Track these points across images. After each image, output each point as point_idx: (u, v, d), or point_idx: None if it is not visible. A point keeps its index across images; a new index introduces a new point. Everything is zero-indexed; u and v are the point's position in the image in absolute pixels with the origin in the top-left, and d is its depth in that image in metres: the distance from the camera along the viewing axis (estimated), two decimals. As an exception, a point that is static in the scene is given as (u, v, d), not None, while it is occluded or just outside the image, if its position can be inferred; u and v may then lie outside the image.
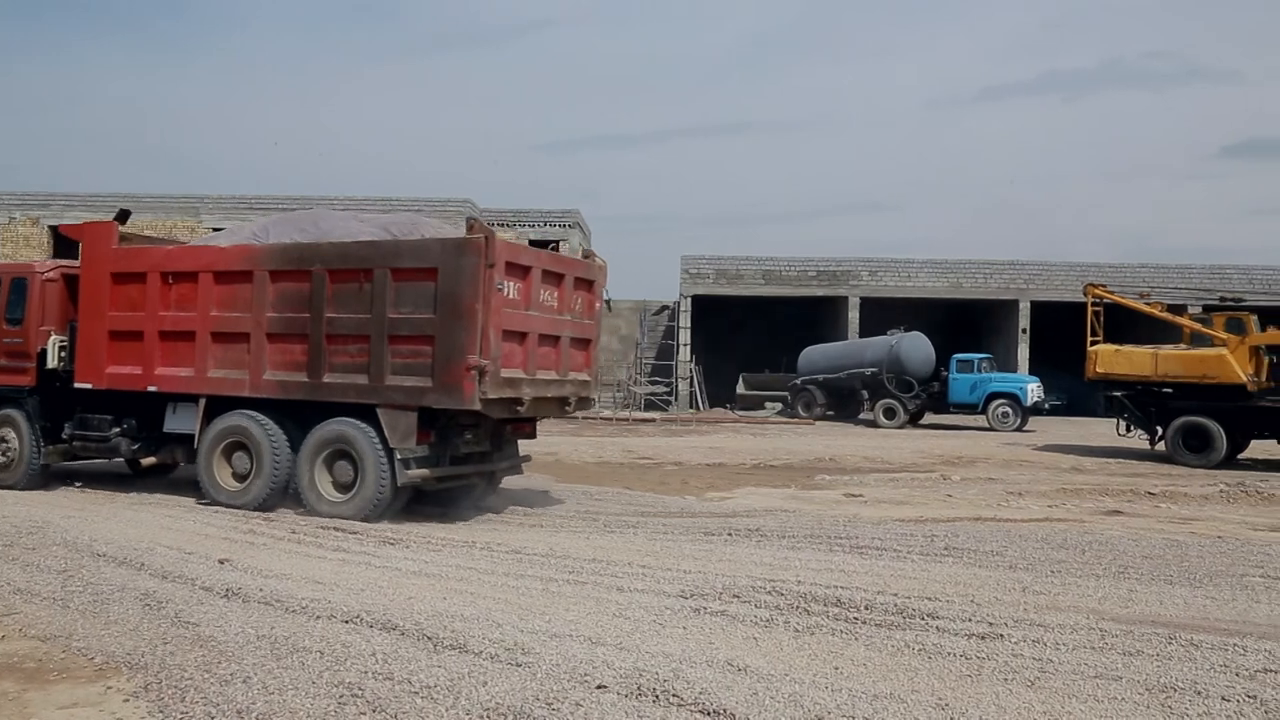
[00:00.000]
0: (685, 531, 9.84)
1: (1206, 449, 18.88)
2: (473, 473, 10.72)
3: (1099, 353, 20.79)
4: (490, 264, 9.15)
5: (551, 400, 10.54)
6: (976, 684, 4.99)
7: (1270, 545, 9.59)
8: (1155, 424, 19.87)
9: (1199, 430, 19.05)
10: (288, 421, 10.20)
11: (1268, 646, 5.68)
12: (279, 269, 10.13)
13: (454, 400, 9.30)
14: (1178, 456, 19.07)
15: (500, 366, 9.38)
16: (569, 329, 10.64)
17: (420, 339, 9.41)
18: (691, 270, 38.89)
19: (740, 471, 16.57)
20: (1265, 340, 19.96)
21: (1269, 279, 37.81)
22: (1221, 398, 19.16)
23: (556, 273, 10.50)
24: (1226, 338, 19.65)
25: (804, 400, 32.76)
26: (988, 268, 38.64)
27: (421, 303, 9.41)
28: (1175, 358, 20.04)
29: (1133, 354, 20.53)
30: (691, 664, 5.17)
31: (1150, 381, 20.11)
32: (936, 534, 9.76)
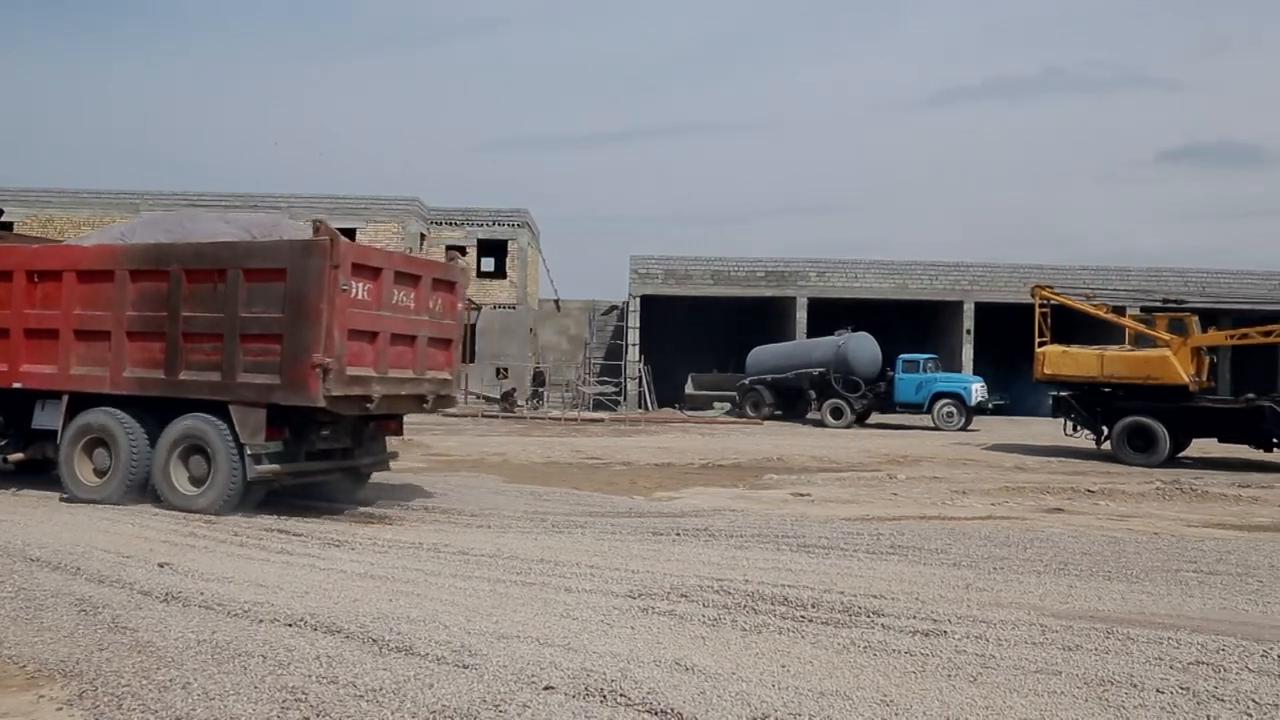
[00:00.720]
0: (633, 531, 9.85)
1: (1150, 448, 19.13)
2: (332, 468, 10.95)
3: (1047, 354, 20.99)
4: (335, 265, 9.39)
5: (407, 398, 10.80)
6: (921, 680, 5.05)
7: (1203, 541, 9.82)
8: (1101, 424, 20.15)
9: (1143, 430, 19.29)
10: (147, 418, 10.36)
11: (1200, 639, 5.82)
12: (139, 269, 10.35)
13: (300, 397, 9.53)
14: (1123, 456, 19.30)
15: (346, 365, 9.62)
16: (427, 329, 10.88)
17: (270, 338, 9.67)
18: (640, 270, 38.94)
19: (688, 471, 16.61)
20: (1206, 341, 20.38)
21: (1204, 281, 38.77)
22: (1164, 398, 19.45)
23: (412, 274, 10.75)
24: (1169, 339, 19.94)
25: (752, 400, 32.94)
26: (933, 269, 39.17)
27: (271, 302, 9.65)
28: (1120, 359, 20.33)
29: (1079, 355, 20.79)
30: (639, 664, 5.18)
31: (1096, 382, 20.38)
32: (882, 532, 9.86)
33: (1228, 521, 11.58)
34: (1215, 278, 39.01)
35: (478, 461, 17.48)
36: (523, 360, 41.08)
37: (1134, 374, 19.86)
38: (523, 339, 41.90)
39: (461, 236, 42.17)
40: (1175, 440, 19.33)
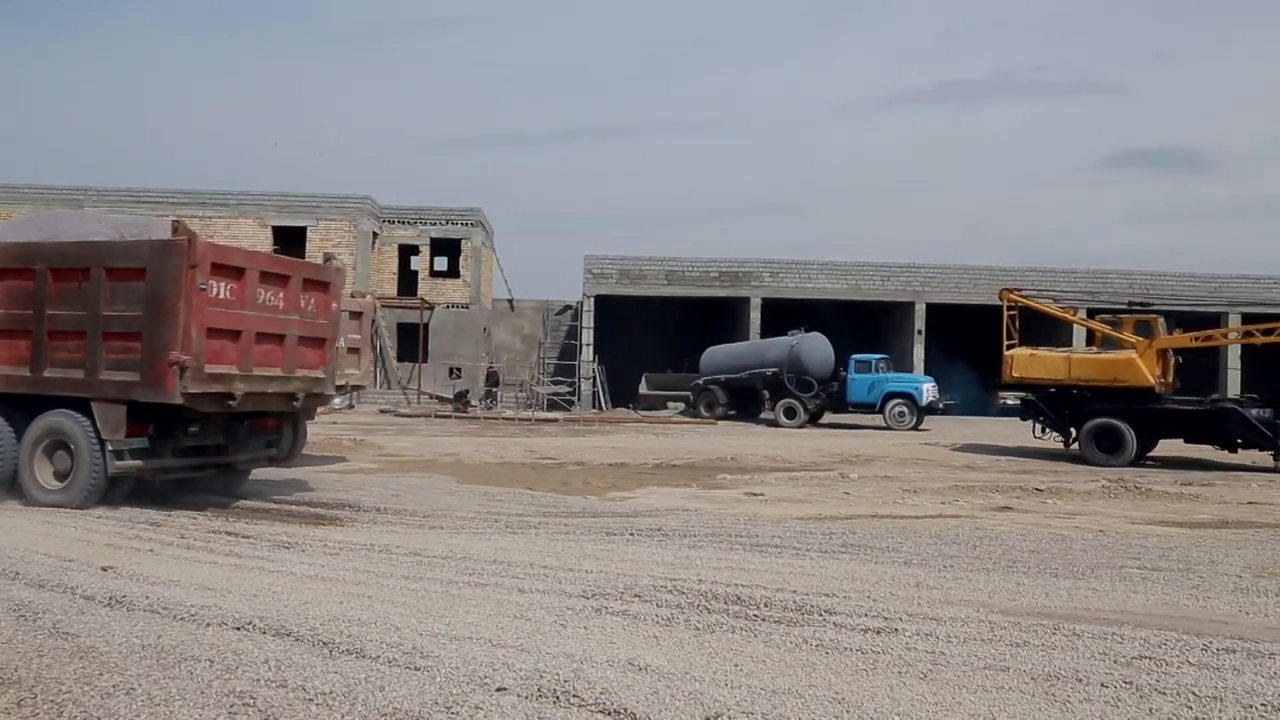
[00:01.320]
0: (587, 531, 9.83)
1: (1118, 449, 19.24)
2: (203, 465, 11.04)
3: (1014, 356, 21.03)
4: (193, 265, 9.57)
5: (274, 395, 10.95)
6: (872, 678, 5.09)
7: (1147, 538, 10.02)
8: (1069, 426, 20.22)
9: (1110, 431, 19.39)
10: (16, 414, 10.43)
11: (1143, 634, 5.93)
12: (6, 267, 10.45)
13: (158, 394, 9.69)
14: (1090, 457, 19.35)
15: (205, 363, 9.79)
16: (297, 328, 11.02)
17: (130, 336, 9.84)
18: (595, 270, 38.90)
19: (643, 471, 16.62)
20: (1171, 343, 20.59)
21: (1148, 284, 39.54)
22: (1131, 399, 19.59)
23: (281, 274, 10.92)
24: (1135, 341, 20.10)
25: (706, 400, 33.03)
26: (885, 270, 39.58)
27: (132, 301, 9.82)
28: (1087, 361, 20.46)
29: (1047, 358, 20.92)
30: (593, 664, 5.17)
31: (1064, 384, 20.45)
32: (834, 531, 9.94)
33: (1170, 519, 11.82)
34: (1159, 279, 39.81)
35: (430, 462, 17.36)
36: (476, 360, 40.87)
37: (1101, 376, 19.99)
38: (476, 339, 41.68)
39: (414, 235, 41.87)
40: (1142, 441, 19.47)
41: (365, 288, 37.73)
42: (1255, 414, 18.52)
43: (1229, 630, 6.12)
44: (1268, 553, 9.19)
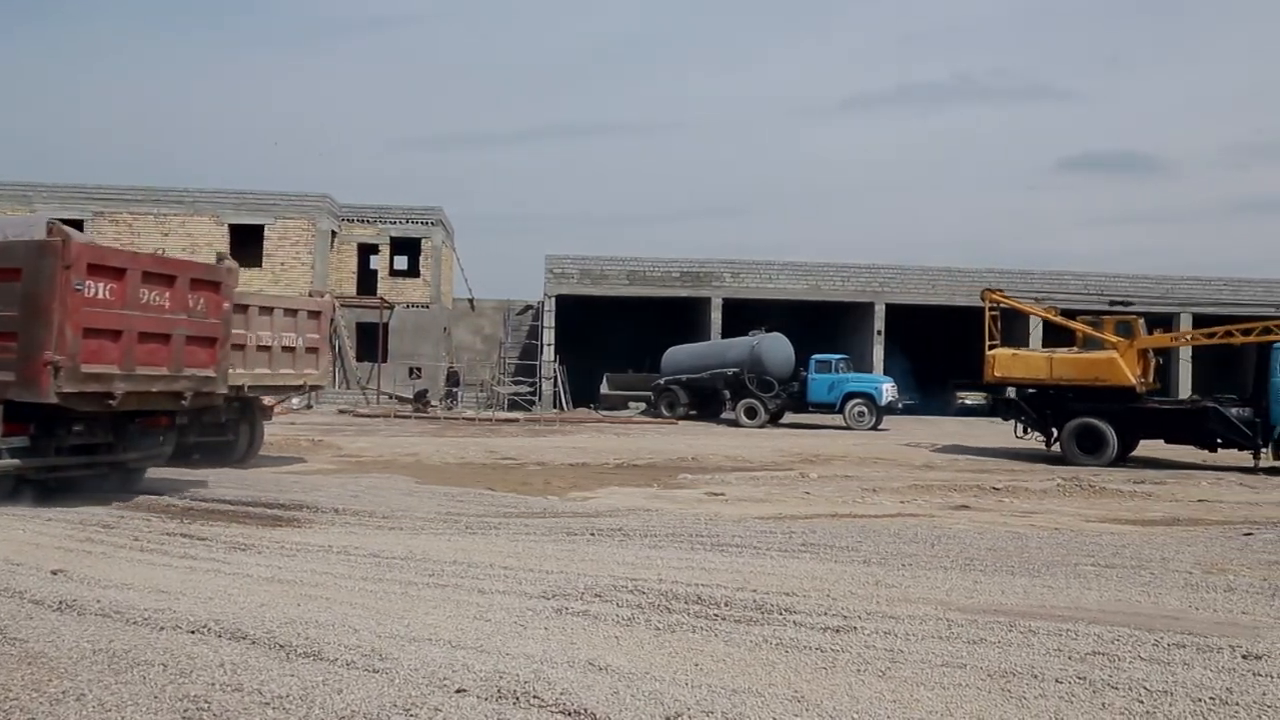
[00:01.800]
0: (548, 532, 9.80)
1: (1099, 449, 19.19)
2: (89, 464, 11.06)
3: (997, 356, 21.01)
4: (67, 265, 9.67)
5: (160, 395, 11.05)
6: (831, 675, 5.12)
7: (1100, 536, 10.17)
8: (1050, 426, 20.15)
9: (1092, 431, 19.34)
10: None
11: (1097, 630, 6.02)
12: None
13: (33, 394, 9.77)
14: (1072, 457, 19.29)
15: (80, 362, 9.88)
16: (185, 327, 11.16)
17: (7, 336, 9.93)
18: (556, 270, 38.83)
19: (604, 471, 16.61)
20: (1151, 343, 20.74)
21: (1102, 284, 40.13)
22: (1112, 399, 19.60)
23: (166, 274, 11.05)
24: (1116, 341, 20.15)
25: (667, 400, 33.06)
26: (845, 271, 39.85)
27: (9, 302, 9.91)
28: (1069, 361, 20.46)
29: (1029, 358, 21.02)
30: (553, 665, 5.15)
31: (1045, 384, 20.41)
32: (795, 531, 9.99)
33: (1123, 516, 12.00)
34: (1112, 280, 40.41)
35: (390, 462, 17.24)
36: (437, 360, 40.63)
37: (1082, 376, 19.98)
38: (436, 339, 41.44)
39: (374, 234, 41.55)
40: (1123, 441, 19.45)
41: (324, 287, 37.40)
42: (1235, 413, 18.54)
43: (1179, 625, 6.22)
44: (1216, 549, 9.36)
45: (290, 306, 16.53)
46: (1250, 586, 7.50)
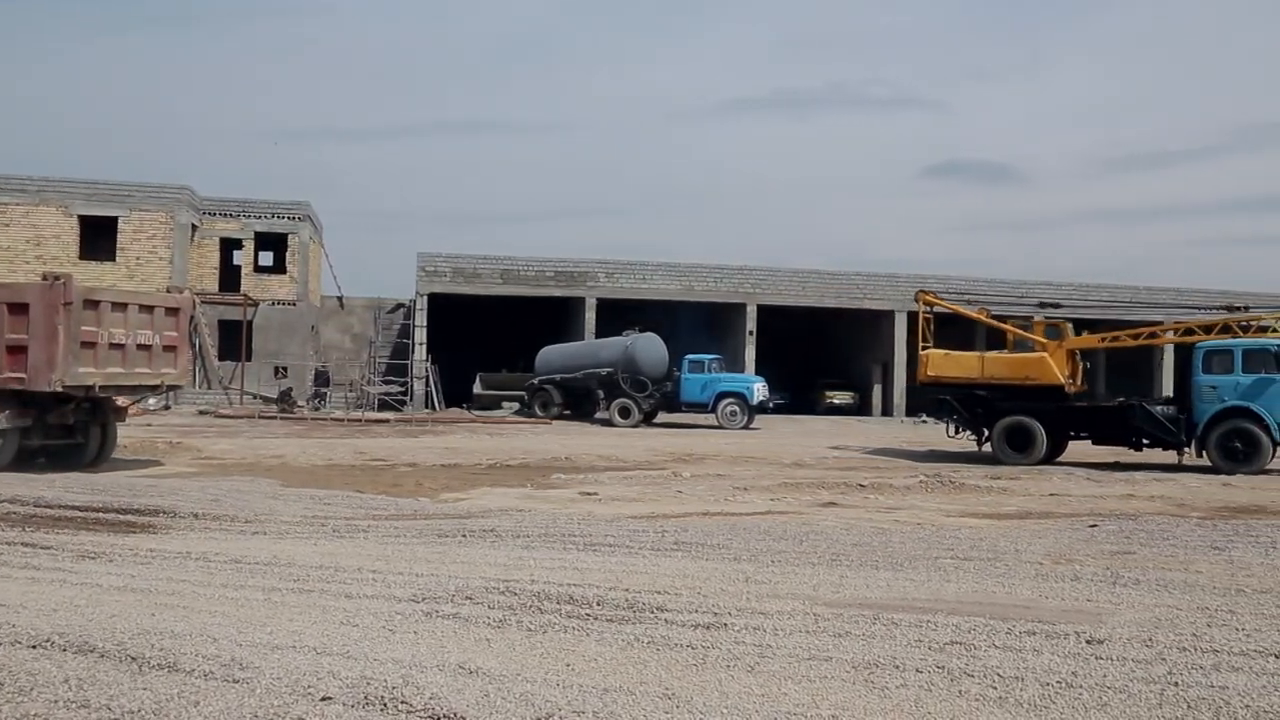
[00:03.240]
0: (418, 534, 9.64)
1: (1029, 448, 19.39)
2: None
3: (930, 357, 21.13)
4: None
5: None
6: (701, 672, 5.18)
7: (959, 530, 10.57)
8: (982, 425, 20.29)
9: (1022, 430, 19.55)
10: None
11: (955, 621, 6.25)
12: None
13: None
14: (1003, 456, 19.45)
15: None
16: None
17: None
18: (428, 268, 38.25)
19: (476, 472, 16.44)
20: (1079, 344, 21.28)
21: (963, 288, 41.61)
22: (1042, 399, 19.86)
23: None
24: (1045, 342, 20.58)
25: (541, 400, 32.96)
26: (718, 272, 40.42)
27: None
28: (1000, 361, 20.83)
29: (961, 357, 21.27)
30: (422, 669, 5.06)
31: (977, 384, 20.58)
32: (667, 529, 10.07)
33: (981, 511, 12.50)
34: (973, 284, 41.99)
35: (253, 465, 16.68)
36: (304, 359, 39.50)
37: (1013, 375, 20.26)
38: (304, 337, 40.28)
39: (238, 229, 40.08)
40: (1053, 440, 19.71)
41: (183, 283, 35.94)
42: (1160, 410, 19.16)
43: (1030, 614, 6.52)
44: (1065, 541, 9.84)
45: (146, 303, 15.84)
46: (1095, 575, 7.90)
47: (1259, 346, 18.42)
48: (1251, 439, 17.77)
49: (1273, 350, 18.09)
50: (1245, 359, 18.17)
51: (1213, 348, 18.82)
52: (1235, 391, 18.02)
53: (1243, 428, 17.88)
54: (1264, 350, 18.20)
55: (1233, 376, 18.11)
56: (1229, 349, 18.60)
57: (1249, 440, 17.79)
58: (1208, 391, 18.33)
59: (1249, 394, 17.93)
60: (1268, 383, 17.84)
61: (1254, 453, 17.72)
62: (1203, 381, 18.50)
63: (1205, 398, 18.35)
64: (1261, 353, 18.17)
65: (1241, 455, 17.75)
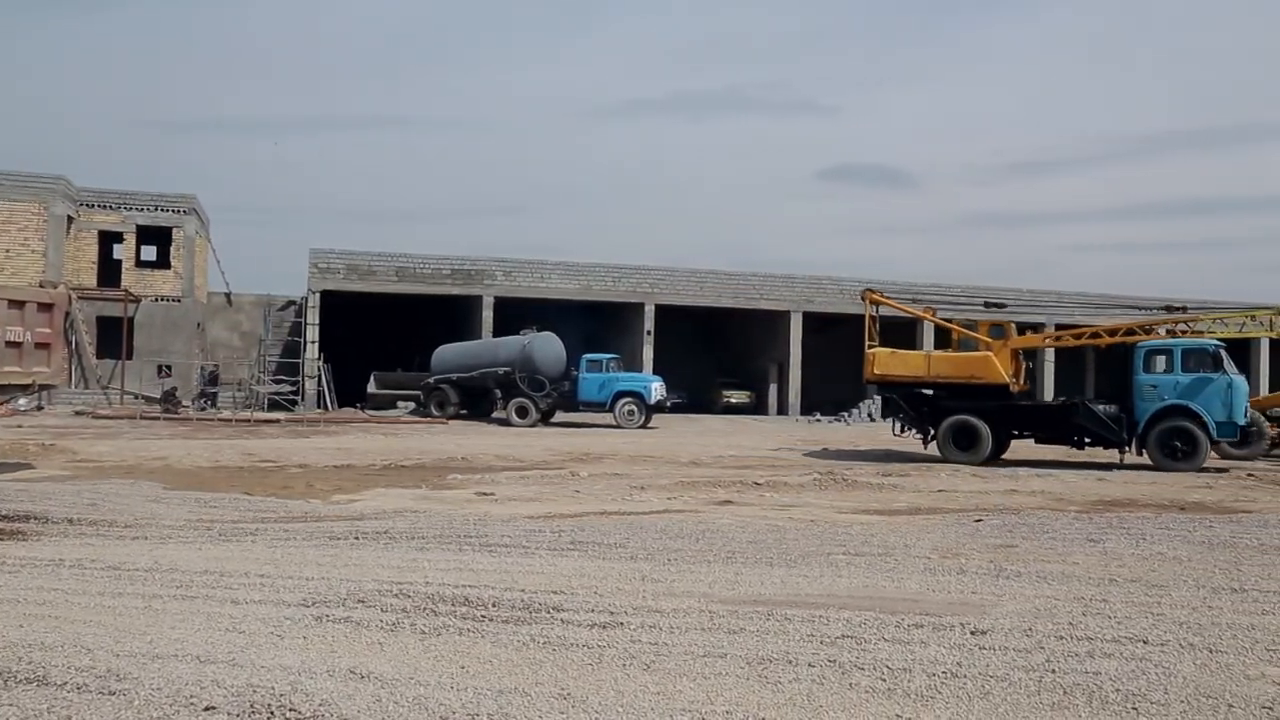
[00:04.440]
0: (309, 537, 9.41)
1: (974, 447, 19.44)
2: None
3: (876, 355, 20.96)
4: None
5: None
6: (597, 671, 5.17)
7: (852, 526, 10.79)
8: (928, 424, 20.33)
9: (968, 429, 19.59)
10: None
11: (846, 615, 6.38)
12: None
13: None
14: (948, 455, 19.48)
15: None
16: None
17: None
18: (321, 265, 37.42)
19: (369, 473, 16.13)
20: (1023, 344, 21.58)
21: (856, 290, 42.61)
22: (987, 397, 19.94)
23: None
24: (990, 341, 20.75)
25: (437, 399, 32.57)
26: (616, 271, 40.50)
27: None
28: (946, 360, 20.86)
29: (907, 356, 21.34)
30: (311, 675, 4.94)
31: (923, 383, 20.63)
32: (564, 529, 10.04)
33: (872, 507, 12.78)
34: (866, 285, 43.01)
35: (134, 467, 16.06)
36: (189, 358, 38.21)
37: (959, 374, 20.27)
38: (189, 335, 38.96)
39: (118, 222, 38.54)
40: (997, 439, 19.78)
41: (58, 278, 34.40)
42: (1103, 409, 19.36)
43: (918, 607, 6.69)
44: (952, 536, 10.13)
45: (16, 298, 15.13)
46: (979, 569, 8.16)
47: (1198, 346, 18.77)
48: (1190, 437, 18.12)
49: (1210, 350, 18.51)
50: (1184, 358, 18.50)
51: (1153, 347, 19.17)
52: (1175, 390, 18.35)
53: (1182, 426, 18.22)
54: (1202, 350, 18.58)
55: (1172, 376, 18.44)
56: (1169, 348, 18.90)
57: (1188, 438, 18.14)
58: (1148, 390, 18.62)
59: (1188, 393, 18.25)
60: (1206, 382, 18.19)
61: (1193, 451, 18.08)
62: (1143, 381, 18.75)
63: (1146, 396, 18.64)
64: (1200, 352, 18.53)
65: (1181, 453, 18.11)
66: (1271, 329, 20.29)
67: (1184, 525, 10.93)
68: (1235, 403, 18.16)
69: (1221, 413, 18.10)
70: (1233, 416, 18.14)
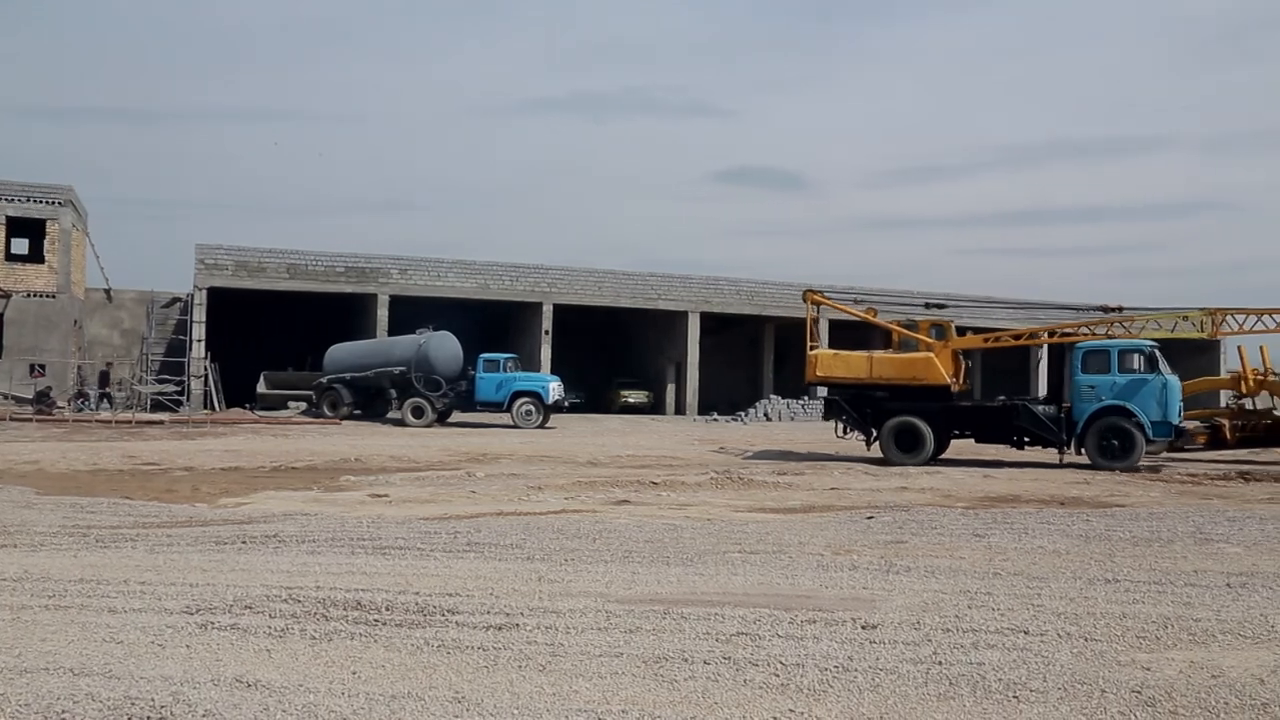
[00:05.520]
0: (194, 542, 9.10)
1: (916, 448, 19.42)
2: None
3: (819, 357, 21.02)
4: None
5: None
6: (492, 674, 5.12)
7: (747, 524, 10.92)
8: (870, 425, 20.29)
9: (910, 430, 19.58)
10: None
11: (741, 612, 6.46)
12: None
13: None
14: (891, 456, 19.45)
15: None
16: None
17: None
18: (208, 261, 36.26)
19: (259, 475, 15.69)
20: (964, 344, 21.71)
21: (752, 290, 43.30)
22: (929, 398, 20.03)
23: None
24: (931, 342, 20.80)
25: (330, 399, 31.90)
26: (514, 270, 40.23)
27: None
28: (888, 361, 20.72)
29: (850, 358, 21.21)
30: (195, 685, 4.77)
31: (865, 384, 20.55)
32: (460, 530, 9.93)
33: (768, 506, 12.96)
34: (762, 287, 43.68)
35: (3, 472, 15.30)
36: (65, 356, 36.57)
37: (901, 375, 20.31)
38: (65, 332, 37.28)
39: (-14, 213, 36.62)
40: (939, 439, 19.80)
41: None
42: (1042, 410, 19.47)
43: (811, 603, 6.81)
44: (844, 532, 10.34)
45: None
46: (871, 564, 8.35)
47: (1134, 347, 19.07)
48: (1127, 436, 18.43)
49: (1146, 351, 18.90)
50: (1121, 359, 18.82)
51: (1091, 348, 19.47)
52: (1112, 391, 18.66)
53: (1119, 425, 18.47)
54: (1138, 350, 18.92)
55: (1109, 376, 18.74)
56: (1106, 349, 19.14)
57: (1125, 437, 18.45)
58: (1086, 391, 18.82)
59: (1124, 393, 18.56)
60: (1142, 382, 18.54)
61: (1129, 449, 18.39)
62: (1082, 381, 18.92)
63: (1084, 397, 18.84)
64: (1136, 353, 18.88)
65: (1118, 452, 18.42)
66: (1202, 330, 20.61)
67: (1063, 520, 11.37)
68: (1169, 402, 18.54)
69: (1157, 412, 18.44)
70: (1167, 416, 18.51)
